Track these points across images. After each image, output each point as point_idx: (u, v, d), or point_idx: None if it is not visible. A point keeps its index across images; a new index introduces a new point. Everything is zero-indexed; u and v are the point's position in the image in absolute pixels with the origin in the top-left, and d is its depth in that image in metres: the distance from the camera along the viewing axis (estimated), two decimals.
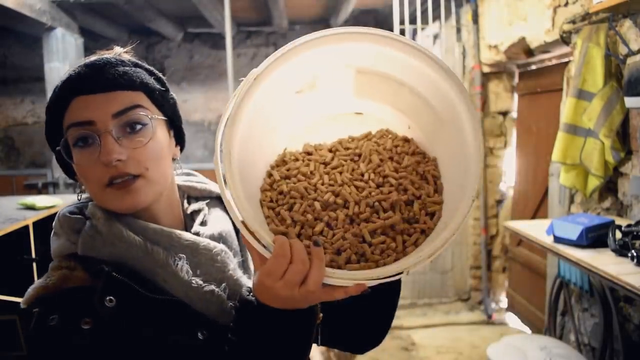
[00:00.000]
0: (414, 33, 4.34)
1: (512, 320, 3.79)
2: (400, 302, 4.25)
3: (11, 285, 2.17)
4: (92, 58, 0.77)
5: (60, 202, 2.61)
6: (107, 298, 0.68)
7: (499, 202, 3.99)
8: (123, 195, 0.72)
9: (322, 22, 6.03)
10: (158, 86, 0.80)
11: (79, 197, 0.83)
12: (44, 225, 2.39)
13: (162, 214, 0.80)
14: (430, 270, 3.98)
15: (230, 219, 0.80)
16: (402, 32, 3.88)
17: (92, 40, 6.06)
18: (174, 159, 0.83)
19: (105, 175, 0.71)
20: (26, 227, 2.25)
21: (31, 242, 2.27)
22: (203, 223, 0.84)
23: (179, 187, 0.87)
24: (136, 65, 0.79)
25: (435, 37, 4.58)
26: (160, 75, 0.83)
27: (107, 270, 0.70)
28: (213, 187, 0.91)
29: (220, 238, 0.81)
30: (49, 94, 0.78)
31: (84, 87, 0.73)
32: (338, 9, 5.02)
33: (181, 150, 0.86)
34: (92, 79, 0.73)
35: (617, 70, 2.19)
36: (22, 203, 2.53)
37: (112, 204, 0.73)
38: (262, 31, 6.08)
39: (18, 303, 1.79)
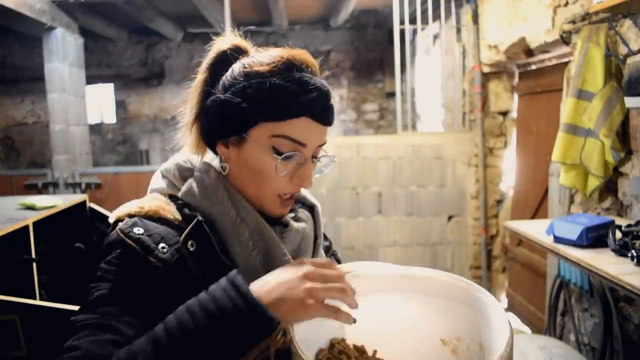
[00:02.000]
0: (414, 33, 4.34)
1: (512, 320, 3.79)
2: None
3: (11, 285, 2.17)
4: (322, 83, 0.81)
5: (60, 202, 2.61)
6: (190, 242, 0.75)
7: (499, 202, 3.99)
8: (284, 207, 0.83)
9: (322, 22, 6.03)
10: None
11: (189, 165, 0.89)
12: (44, 225, 2.39)
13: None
14: None
15: (314, 226, 0.93)
16: (402, 32, 3.88)
17: (92, 40, 6.06)
18: None
19: (288, 189, 0.81)
20: (26, 227, 2.25)
21: (31, 242, 2.27)
22: (293, 218, 0.90)
23: None
24: (330, 93, 0.84)
25: (435, 37, 4.58)
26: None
27: (199, 220, 0.78)
28: (308, 194, 0.99)
29: (301, 236, 0.88)
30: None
31: (318, 116, 0.79)
32: (338, 9, 5.03)
33: None
34: (326, 112, 0.81)
35: (617, 70, 2.19)
36: (22, 203, 2.53)
37: (269, 207, 0.83)
38: (262, 31, 6.08)
39: (18, 303, 1.80)
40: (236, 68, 0.81)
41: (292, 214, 0.91)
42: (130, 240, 0.73)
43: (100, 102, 6.69)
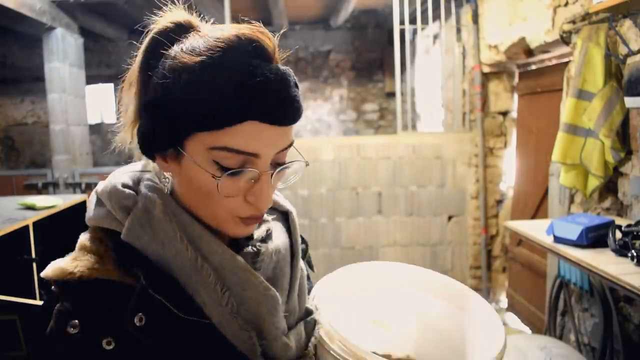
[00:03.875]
0: (414, 33, 4.35)
1: (512, 320, 3.79)
2: None
3: (11, 285, 2.17)
4: (276, 73, 0.61)
5: (60, 202, 2.61)
6: (137, 317, 0.60)
7: (499, 202, 3.99)
8: (245, 228, 0.66)
9: (322, 22, 6.04)
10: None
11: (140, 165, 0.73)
12: (44, 225, 2.39)
13: None
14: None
15: (290, 239, 0.76)
16: (402, 32, 3.88)
17: (92, 40, 6.06)
18: None
19: (245, 211, 0.64)
20: (26, 227, 2.25)
21: (31, 242, 2.27)
22: (264, 239, 0.73)
23: None
24: (296, 85, 0.65)
25: (435, 37, 4.59)
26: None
27: (143, 285, 0.62)
28: (281, 198, 0.81)
29: (278, 254, 0.72)
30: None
31: (271, 119, 0.61)
32: (338, 9, 5.03)
33: None
34: (279, 110, 0.61)
35: (617, 70, 2.19)
36: (22, 203, 2.53)
37: (230, 230, 0.66)
38: None
39: (18, 303, 1.80)
40: (168, 59, 0.62)
41: (264, 228, 0.74)
42: (66, 345, 0.60)
43: (100, 102, 6.69)
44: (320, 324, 0.73)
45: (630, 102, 1.99)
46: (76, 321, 0.60)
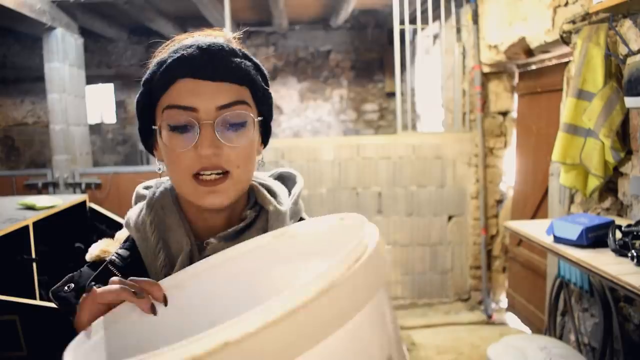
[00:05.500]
0: (414, 33, 4.35)
1: (512, 320, 3.79)
2: (400, 302, 4.25)
3: (11, 285, 2.17)
4: (205, 40, 0.72)
5: (60, 202, 2.61)
6: (94, 284, 0.66)
7: (499, 202, 3.99)
8: (207, 193, 0.71)
9: (322, 22, 6.03)
10: (262, 84, 0.77)
11: (160, 175, 0.82)
12: (44, 225, 2.39)
13: (221, 216, 0.77)
14: (430, 270, 3.99)
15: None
16: (402, 32, 3.88)
17: (92, 40, 6.06)
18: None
19: (196, 165, 0.70)
20: (26, 227, 2.25)
21: (31, 242, 2.27)
22: (227, 238, 0.77)
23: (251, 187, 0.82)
24: (245, 57, 0.75)
25: (435, 37, 4.59)
26: (265, 71, 0.79)
27: (106, 261, 0.74)
28: (277, 188, 0.84)
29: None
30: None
31: (196, 71, 0.70)
32: (338, 9, 5.03)
33: (264, 148, 0.84)
34: (205, 65, 0.70)
35: (617, 70, 2.19)
36: (22, 203, 2.53)
37: (194, 197, 0.72)
38: (262, 31, 6.08)
39: (18, 303, 1.80)
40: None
41: (234, 228, 0.76)
42: (56, 301, 0.73)
43: (100, 102, 6.69)
44: None
45: (630, 102, 1.99)
46: (71, 284, 0.74)
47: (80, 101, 4.57)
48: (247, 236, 0.74)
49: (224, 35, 0.77)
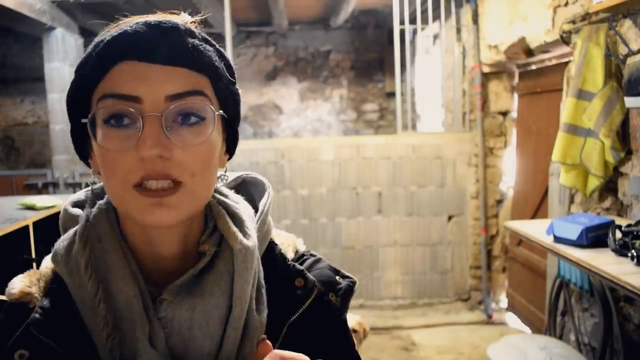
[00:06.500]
0: (414, 33, 4.35)
1: (512, 320, 3.79)
2: (400, 302, 4.26)
3: None
4: (155, 17, 0.57)
5: (60, 202, 2.61)
6: (19, 353, 0.54)
7: (499, 202, 3.99)
8: (153, 206, 0.53)
9: (322, 22, 6.03)
10: (227, 74, 0.60)
11: (92, 188, 0.65)
12: (44, 225, 2.39)
13: (173, 240, 0.60)
14: (430, 270, 3.99)
15: (231, 289, 0.59)
16: (402, 32, 3.88)
17: (92, 41, 6.06)
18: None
19: (138, 171, 0.53)
20: (26, 227, 2.25)
21: (31, 242, 2.27)
22: (189, 286, 0.59)
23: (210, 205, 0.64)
24: (206, 41, 0.59)
25: (435, 37, 4.59)
26: (230, 62, 0.63)
27: (28, 322, 0.56)
28: (243, 210, 0.65)
29: (200, 311, 0.58)
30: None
31: (140, 51, 0.54)
32: (338, 9, 5.02)
33: (228, 159, 0.66)
34: (152, 43, 0.54)
35: (617, 70, 2.19)
36: (22, 203, 2.53)
37: (136, 212, 0.54)
38: (262, 31, 6.08)
39: None
40: None
41: (190, 272, 0.58)
42: None
43: None
44: None
45: (630, 102, 1.99)
46: None
47: None
48: (210, 283, 0.58)
49: (181, 18, 0.60)
